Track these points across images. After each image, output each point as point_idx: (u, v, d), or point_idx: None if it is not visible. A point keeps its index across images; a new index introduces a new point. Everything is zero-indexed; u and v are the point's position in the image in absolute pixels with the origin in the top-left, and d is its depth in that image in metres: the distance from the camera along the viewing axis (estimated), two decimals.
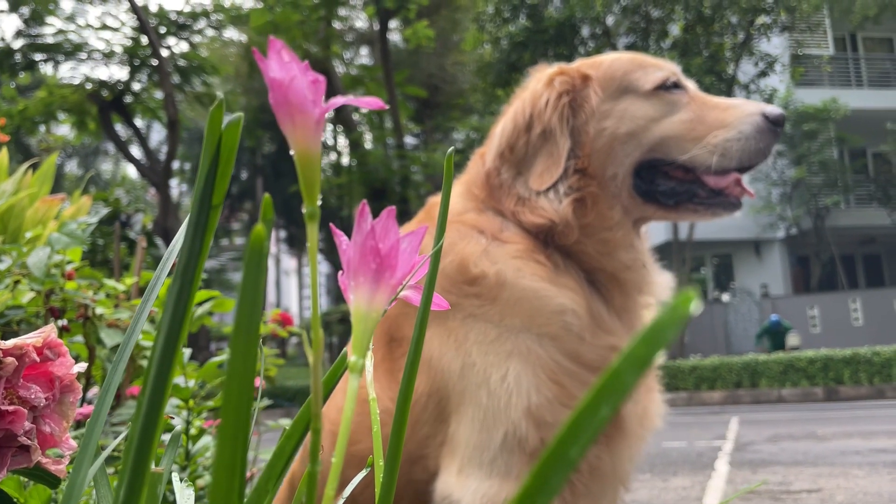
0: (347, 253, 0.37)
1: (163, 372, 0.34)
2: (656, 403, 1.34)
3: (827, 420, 5.81)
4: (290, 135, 0.34)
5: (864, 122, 16.51)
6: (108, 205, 5.61)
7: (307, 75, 0.33)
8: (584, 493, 1.25)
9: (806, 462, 3.84)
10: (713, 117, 1.30)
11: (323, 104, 0.33)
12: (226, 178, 0.36)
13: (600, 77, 1.35)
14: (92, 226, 1.62)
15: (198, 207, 0.35)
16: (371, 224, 0.36)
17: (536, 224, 1.28)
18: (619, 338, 1.26)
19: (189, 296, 0.35)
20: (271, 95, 0.33)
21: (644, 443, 1.32)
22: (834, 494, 3.02)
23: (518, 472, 1.18)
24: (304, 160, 0.34)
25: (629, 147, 1.31)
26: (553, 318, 1.23)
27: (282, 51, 0.33)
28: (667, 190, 1.33)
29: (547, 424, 1.19)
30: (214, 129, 0.35)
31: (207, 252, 0.37)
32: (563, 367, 1.21)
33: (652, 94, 1.33)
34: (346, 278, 0.38)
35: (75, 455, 0.44)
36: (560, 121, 1.31)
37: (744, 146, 1.27)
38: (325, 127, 0.37)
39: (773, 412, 6.86)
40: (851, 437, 4.68)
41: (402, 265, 0.38)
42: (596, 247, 1.29)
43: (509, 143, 1.35)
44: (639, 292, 1.32)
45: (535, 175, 1.31)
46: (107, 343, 1.50)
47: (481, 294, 1.25)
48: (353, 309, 0.37)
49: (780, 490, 3.19)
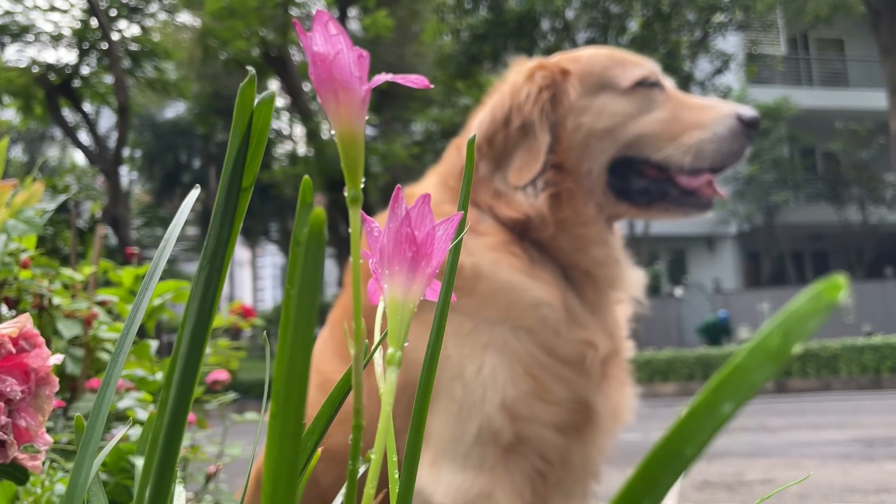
0: (380, 240, 0.35)
1: (190, 367, 0.31)
2: (628, 398, 1.34)
3: (777, 412, 5.96)
4: (332, 113, 0.32)
5: (814, 121, 17.01)
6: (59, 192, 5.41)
7: (353, 50, 0.31)
8: (556, 484, 1.25)
9: (759, 453, 3.92)
10: (689, 117, 1.30)
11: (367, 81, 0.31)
12: (257, 160, 0.34)
13: (579, 72, 1.33)
14: (49, 213, 1.54)
15: (226, 191, 0.33)
16: (406, 210, 0.34)
17: (512, 218, 1.27)
18: (592, 332, 1.26)
19: (218, 285, 0.33)
20: (313, 71, 0.31)
21: (614, 437, 1.32)
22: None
23: (492, 465, 1.17)
24: (347, 140, 0.32)
25: (605, 143, 1.30)
26: (529, 311, 1.22)
27: (329, 23, 0.31)
28: (640, 188, 1.33)
29: (522, 418, 1.19)
30: (246, 105, 0.33)
31: (236, 238, 0.33)
32: (539, 361, 1.20)
33: (630, 92, 1.32)
34: (379, 267, 0.35)
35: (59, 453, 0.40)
36: (540, 115, 1.29)
37: (718, 148, 1.27)
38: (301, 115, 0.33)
39: None
40: (801, 428, 4.81)
41: (437, 253, 0.36)
42: (570, 242, 1.29)
43: (487, 137, 1.32)
44: (611, 288, 1.32)
45: (513, 169, 1.29)
46: (64, 334, 1.44)
47: (457, 286, 1.23)
48: (388, 299, 0.35)
49: (735, 481, 3.25)
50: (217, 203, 0.33)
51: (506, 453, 1.18)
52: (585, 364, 1.23)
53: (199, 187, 0.45)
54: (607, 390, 1.27)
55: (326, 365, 1.35)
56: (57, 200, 1.63)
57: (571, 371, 1.23)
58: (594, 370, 1.24)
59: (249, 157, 0.33)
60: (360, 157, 0.32)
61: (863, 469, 3.29)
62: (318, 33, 0.31)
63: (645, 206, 1.34)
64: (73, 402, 1.60)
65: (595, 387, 1.25)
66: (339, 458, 1.26)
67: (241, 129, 0.32)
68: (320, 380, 1.34)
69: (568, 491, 1.27)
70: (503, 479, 1.17)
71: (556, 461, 1.23)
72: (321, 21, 0.31)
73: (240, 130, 0.32)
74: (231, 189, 0.33)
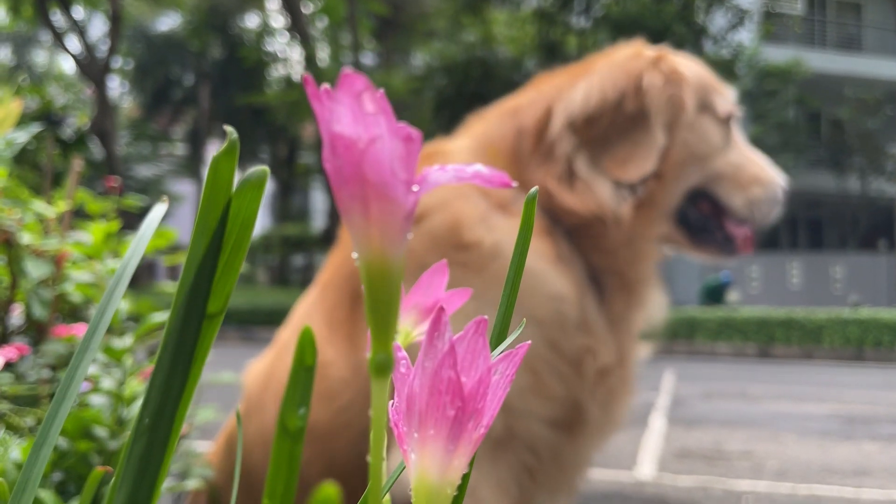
0: (409, 383, 0.23)
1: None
2: (622, 406, 1.29)
3: (759, 379, 5.98)
4: (358, 231, 0.20)
5: (823, 86, 16.69)
6: (43, 104, 5.17)
7: (398, 136, 0.19)
8: (543, 480, 1.21)
9: (738, 423, 3.91)
10: (751, 171, 1.28)
11: (416, 180, 0.19)
12: (233, 270, 0.22)
13: (694, 83, 1.24)
14: (20, 145, 1.40)
15: (182, 319, 0.21)
16: (450, 342, 0.22)
17: (575, 210, 1.17)
18: (598, 341, 1.19)
19: (160, 464, 0.23)
20: (330, 159, 0.20)
21: (606, 440, 1.28)
22: (765, 460, 3.06)
23: (478, 459, 1.11)
24: (377, 276, 0.21)
25: (698, 169, 1.25)
26: (546, 303, 1.14)
27: (363, 95, 0.19)
28: (697, 223, 1.29)
29: (514, 412, 1.13)
30: (221, 187, 0.21)
31: (192, 393, 0.21)
32: (541, 355, 1.13)
33: (722, 123, 1.26)
34: (404, 423, 0.24)
35: None
36: (661, 112, 1.19)
37: (769, 210, 1.27)
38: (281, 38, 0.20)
39: (708, 366, 7.05)
40: (782, 399, 4.81)
41: (490, 406, 0.23)
42: (629, 253, 1.24)
43: (589, 115, 1.19)
44: (640, 306, 1.29)
45: (615, 160, 1.18)
46: (32, 274, 1.31)
47: (468, 263, 1.13)
48: (416, 478, 0.24)
49: (713, 450, 3.23)
50: (167, 336, 0.21)
51: (494, 447, 1.12)
52: (582, 368, 1.18)
53: (167, 201, 0.32)
54: (601, 397, 1.22)
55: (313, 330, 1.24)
56: (30, 130, 1.48)
57: (570, 370, 1.17)
58: (589, 376, 1.19)
59: (223, 265, 0.21)
60: (394, 300, 0.21)
61: (842, 448, 3.28)
62: (344, 106, 0.19)
63: (693, 239, 1.30)
64: (39, 345, 1.49)
65: (588, 392, 1.20)
66: (317, 434, 1.19)
67: (211, 223, 0.20)
68: None
69: (555, 487, 1.24)
70: (489, 473, 1.11)
71: (546, 457, 1.18)
72: (351, 90, 0.19)
73: (209, 225, 0.20)
74: (190, 315, 0.21)
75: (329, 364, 1.19)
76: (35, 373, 1.28)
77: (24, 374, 1.25)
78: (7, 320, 1.39)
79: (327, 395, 1.18)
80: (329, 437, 1.18)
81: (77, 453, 1.05)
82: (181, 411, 0.22)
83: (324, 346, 1.21)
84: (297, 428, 0.20)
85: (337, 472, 1.19)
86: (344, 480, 1.19)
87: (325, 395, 1.18)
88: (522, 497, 1.18)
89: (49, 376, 1.31)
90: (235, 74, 18.21)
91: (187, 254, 0.20)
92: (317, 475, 1.19)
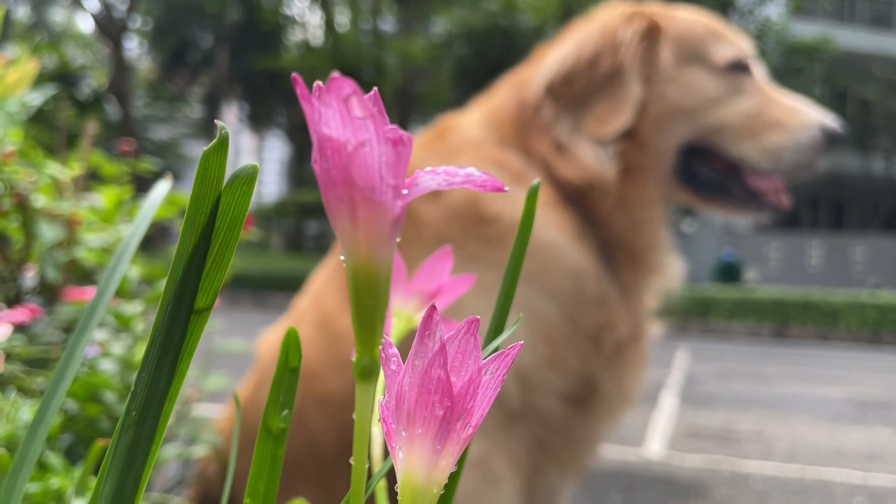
0: (399, 381, 0.23)
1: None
2: (637, 381, 1.28)
3: (773, 359, 5.96)
4: (345, 235, 0.20)
5: (851, 64, 16.33)
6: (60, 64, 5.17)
7: (387, 140, 0.19)
8: (555, 455, 1.20)
9: (750, 403, 3.90)
10: (773, 115, 1.19)
11: (406, 184, 0.19)
12: (222, 266, 0.21)
13: (675, 35, 1.19)
14: (34, 108, 1.39)
15: (170, 314, 0.21)
16: (441, 341, 0.21)
17: (570, 180, 1.15)
18: (616, 314, 1.17)
19: (145, 460, 0.22)
20: (319, 161, 0.20)
21: (620, 416, 1.26)
22: (775, 442, 3.06)
23: (491, 430, 1.11)
24: (363, 280, 0.21)
25: (684, 124, 1.19)
26: (567, 278, 1.12)
27: (352, 99, 0.19)
28: (706, 178, 1.23)
29: (531, 385, 1.12)
30: (210, 181, 0.20)
31: (180, 388, 0.22)
32: (560, 330, 1.12)
33: (721, 72, 1.19)
34: (392, 420, 0.24)
35: None
36: (636, 64, 1.15)
37: (796, 157, 1.18)
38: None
39: (722, 345, 7.03)
40: (795, 380, 4.79)
41: (479, 407, 0.23)
42: (626, 221, 1.20)
43: (566, 76, 1.17)
44: (650, 273, 1.25)
45: (593, 118, 1.15)
46: (46, 237, 1.32)
47: (489, 236, 1.13)
48: (403, 476, 0.24)
49: (724, 430, 3.22)
50: (155, 329, 0.21)
51: (509, 420, 1.12)
52: (600, 343, 1.16)
53: (172, 179, 0.32)
54: (617, 372, 1.21)
55: (329, 300, 1.24)
56: (45, 92, 1.47)
57: (588, 345, 1.16)
58: (607, 351, 1.17)
59: (211, 261, 0.20)
60: (380, 305, 0.20)
61: (854, 432, 3.26)
62: (332, 109, 0.18)
63: (706, 198, 1.24)
64: (52, 307, 1.50)
65: (605, 366, 1.18)
66: (331, 403, 1.19)
67: (200, 218, 0.20)
68: (320, 317, 1.23)
69: (566, 463, 1.23)
70: (501, 445, 1.11)
71: (559, 432, 1.17)
72: (339, 93, 0.19)
73: (199, 220, 0.20)
74: (178, 310, 0.20)
75: (344, 335, 1.18)
76: (47, 335, 1.29)
77: (37, 336, 1.26)
78: (21, 281, 1.39)
79: (342, 365, 1.18)
80: (343, 407, 1.18)
81: (86, 417, 1.06)
82: (168, 406, 0.21)
83: (340, 318, 1.20)
84: (280, 430, 0.19)
85: (350, 441, 1.19)
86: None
87: (339, 365, 1.18)
88: (534, 471, 1.18)
89: (61, 339, 1.32)
90: (253, 37, 18.10)
91: (176, 248, 0.20)
92: (330, 445, 1.19)
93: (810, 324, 7.70)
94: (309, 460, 1.19)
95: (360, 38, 13.04)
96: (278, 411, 0.19)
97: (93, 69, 12.12)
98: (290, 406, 0.19)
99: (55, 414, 0.34)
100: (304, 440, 1.19)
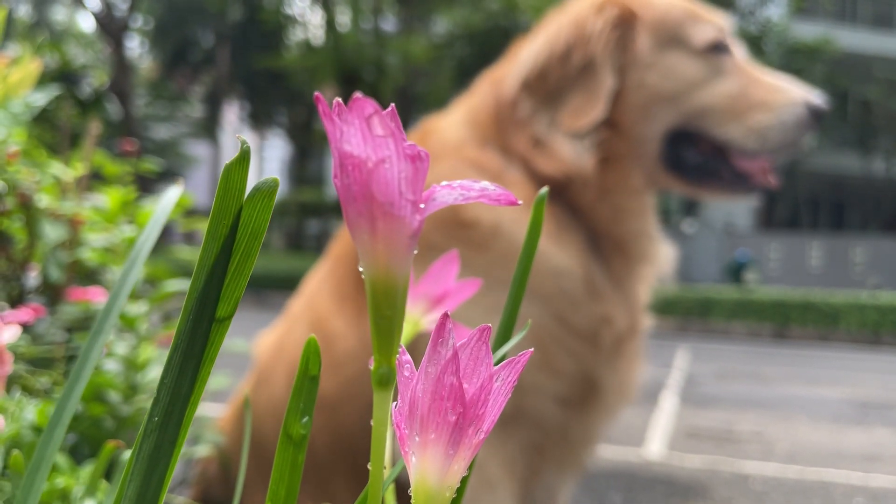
0: (412, 387, 0.23)
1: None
2: (636, 375, 1.27)
3: (774, 360, 5.96)
4: (364, 247, 0.21)
5: (852, 65, 16.34)
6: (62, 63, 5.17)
7: (406, 157, 0.20)
8: (551, 457, 1.20)
9: (750, 404, 3.90)
10: (756, 95, 1.18)
11: (423, 198, 0.20)
12: (243, 276, 0.22)
13: (652, 20, 1.18)
14: (38, 108, 1.40)
15: (192, 321, 0.22)
16: (454, 349, 0.21)
17: (549, 175, 1.14)
18: (612, 306, 1.17)
19: (168, 463, 0.23)
20: (340, 177, 0.21)
21: (618, 414, 1.26)
22: (775, 442, 3.06)
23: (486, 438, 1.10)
24: (382, 290, 0.21)
25: (667, 110, 1.17)
26: (549, 279, 1.12)
27: (373, 118, 0.19)
28: (693, 163, 1.21)
29: (524, 389, 1.12)
30: (232, 195, 0.21)
31: (202, 393, 0.22)
32: (551, 332, 1.12)
33: (701, 54, 1.18)
34: (406, 426, 0.24)
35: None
36: (607, 54, 1.14)
37: (782, 136, 1.17)
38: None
39: (722, 346, 7.03)
40: (795, 381, 4.79)
41: (491, 413, 0.24)
42: (609, 211, 1.18)
43: (540, 71, 1.16)
44: (640, 262, 1.23)
45: (568, 111, 1.14)
46: (49, 237, 1.32)
47: (471, 240, 1.12)
48: (416, 480, 0.24)
49: (723, 431, 3.23)
50: (178, 337, 0.21)
51: (503, 423, 1.12)
52: (599, 339, 1.15)
53: (182, 183, 0.33)
54: (617, 367, 1.21)
55: (323, 303, 1.24)
56: (48, 93, 1.47)
57: (583, 345, 1.15)
58: (607, 346, 1.17)
59: (232, 271, 0.21)
60: (398, 316, 0.21)
61: (854, 433, 3.27)
62: (353, 127, 0.19)
63: (694, 182, 1.23)
64: (55, 307, 1.51)
65: (605, 363, 1.17)
66: (324, 404, 1.19)
67: (222, 230, 0.21)
68: (314, 319, 1.24)
69: (563, 464, 1.23)
70: (497, 449, 1.11)
71: (555, 434, 1.18)
72: (361, 113, 0.19)
73: (221, 232, 0.21)
74: (200, 318, 0.21)
75: (337, 336, 1.19)
76: (51, 335, 1.29)
77: (40, 336, 1.26)
78: (24, 280, 1.40)
79: (335, 366, 1.18)
80: (336, 408, 1.18)
81: (90, 417, 1.06)
82: (190, 411, 0.22)
83: (333, 319, 1.20)
84: (301, 436, 0.20)
85: (344, 442, 1.20)
86: (351, 451, 1.19)
87: (332, 366, 1.19)
88: (530, 473, 1.18)
89: (64, 339, 1.32)
90: (255, 37, 18.09)
91: (198, 258, 0.21)
92: (324, 445, 1.20)
93: (810, 324, 7.70)
94: (304, 460, 1.20)
95: (362, 37, 13.04)
96: (299, 418, 0.20)
97: (94, 68, 12.12)
98: (310, 413, 0.20)
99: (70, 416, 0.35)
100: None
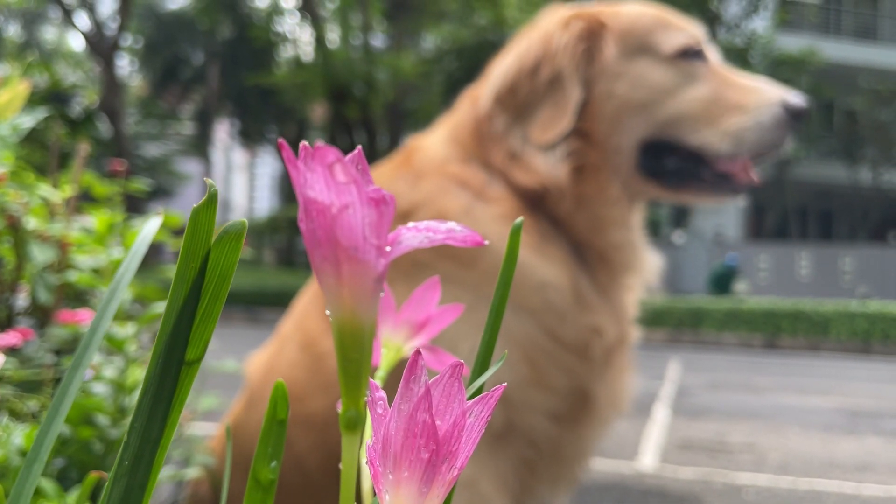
0: (385, 424, 0.23)
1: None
2: (627, 385, 1.27)
3: (764, 370, 5.97)
4: (330, 291, 0.21)
5: (837, 76, 16.51)
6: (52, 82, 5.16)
7: (370, 202, 0.20)
8: (543, 473, 1.20)
9: (742, 414, 3.91)
10: (731, 98, 1.17)
11: (388, 243, 0.20)
12: (211, 319, 0.22)
13: (619, 29, 1.18)
14: (26, 130, 1.40)
15: (161, 365, 0.22)
16: (426, 385, 0.22)
17: (526, 186, 1.14)
18: (600, 318, 1.17)
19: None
20: (305, 221, 0.21)
21: (610, 427, 1.26)
22: (767, 453, 3.07)
23: (478, 452, 1.11)
24: (348, 334, 0.21)
25: (639, 120, 1.17)
26: (534, 293, 1.12)
27: (335, 165, 0.20)
28: (672, 169, 1.21)
29: (515, 405, 1.12)
30: (200, 237, 0.21)
31: (172, 435, 0.23)
32: (540, 346, 1.12)
33: (671, 61, 1.18)
34: (379, 463, 0.24)
35: None
36: (573, 68, 1.15)
37: (759, 138, 1.16)
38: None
39: (713, 356, 7.04)
40: (786, 391, 4.81)
41: (464, 449, 0.24)
42: (588, 221, 1.18)
43: (510, 86, 1.17)
44: (625, 272, 1.23)
45: (537, 124, 1.15)
46: (38, 259, 1.32)
47: (459, 257, 1.13)
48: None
49: (716, 442, 3.23)
50: (147, 381, 0.21)
51: (494, 440, 1.12)
52: (589, 351, 1.15)
53: (162, 216, 0.33)
54: (608, 378, 1.20)
55: (313, 323, 1.24)
56: (36, 115, 1.48)
57: (573, 358, 1.15)
58: (597, 358, 1.16)
59: (201, 314, 0.21)
60: (365, 359, 0.21)
61: (845, 442, 3.28)
62: (316, 174, 0.19)
63: (675, 188, 1.23)
64: (44, 329, 1.50)
65: (596, 375, 1.17)
66: (315, 424, 1.19)
67: (191, 272, 0.21)
68: (304, 339, 1.24)
69: (555, 479, 1.23)
70: (489, 466, 1.11)
71: (547, 450, 1.17)
72: (324, 161, 0.20)
73: (189, 275, 0.21)
74: (169, 362, 0.21)
75: (328, 355, 1.19)
76: (39, 357, 1.29)
77: (29, 359, 1.26)
78: (12, 302, 1.39)
79: (325, 385, 1.18)
80: (328, 428, 1.18)
81: (79, 440, 1.06)
82: (160, 454, 0.22)
83: (323, 338, 1.21)
84: (269, 480, 0.20)
85: (336, 461, 1.20)
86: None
87: (323, 386, 1.19)
88: (522, 489, 1.18)
89: (53, 361, 1.32)
90: (245, 54, 18.14)
91: (167, 302, 0.21)
92: (316, 465, 1.20)
93: (801, 334, 7.73)
94: (296, 480, 1.19)
95: (351, 54, 13.10)
96: (267, 462, 0.20)
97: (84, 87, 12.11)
98: (279, 457, 0.20)
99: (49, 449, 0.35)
100: (290, 461, 1.19)
